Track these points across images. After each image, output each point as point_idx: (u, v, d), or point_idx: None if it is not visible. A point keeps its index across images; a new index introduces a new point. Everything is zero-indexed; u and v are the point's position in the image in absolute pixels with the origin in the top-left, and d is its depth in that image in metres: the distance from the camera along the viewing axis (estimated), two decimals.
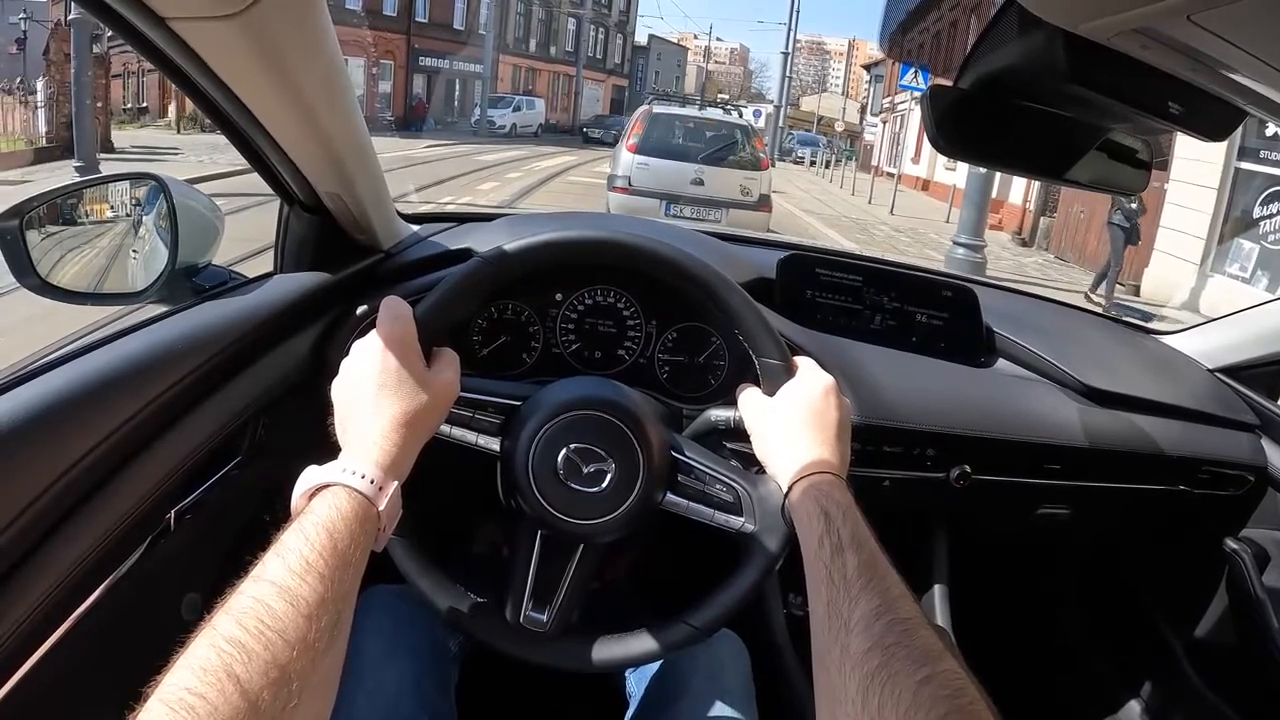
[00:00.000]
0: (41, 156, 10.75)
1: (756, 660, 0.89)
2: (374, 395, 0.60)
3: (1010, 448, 1.03)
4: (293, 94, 0.69)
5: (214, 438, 0.75)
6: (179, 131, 18.29)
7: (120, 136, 14.74)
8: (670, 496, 0.72)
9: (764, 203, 7.06)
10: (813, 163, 26.54)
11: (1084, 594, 1.45)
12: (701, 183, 6.92)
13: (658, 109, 7.63)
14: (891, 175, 18.46)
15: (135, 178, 0.88)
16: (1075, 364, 1.11)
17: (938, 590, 1.17)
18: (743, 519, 0.71)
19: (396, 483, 0.56)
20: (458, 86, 28.37)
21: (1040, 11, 0.51)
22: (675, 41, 51.25)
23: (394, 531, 0.64)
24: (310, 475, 0.55)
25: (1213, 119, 0.61)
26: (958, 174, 14.51)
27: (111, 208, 0.90)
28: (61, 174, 8.31)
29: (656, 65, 46.07)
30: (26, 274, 0.78)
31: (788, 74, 28.44)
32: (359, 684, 0.77)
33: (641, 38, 44.86)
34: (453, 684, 0.86)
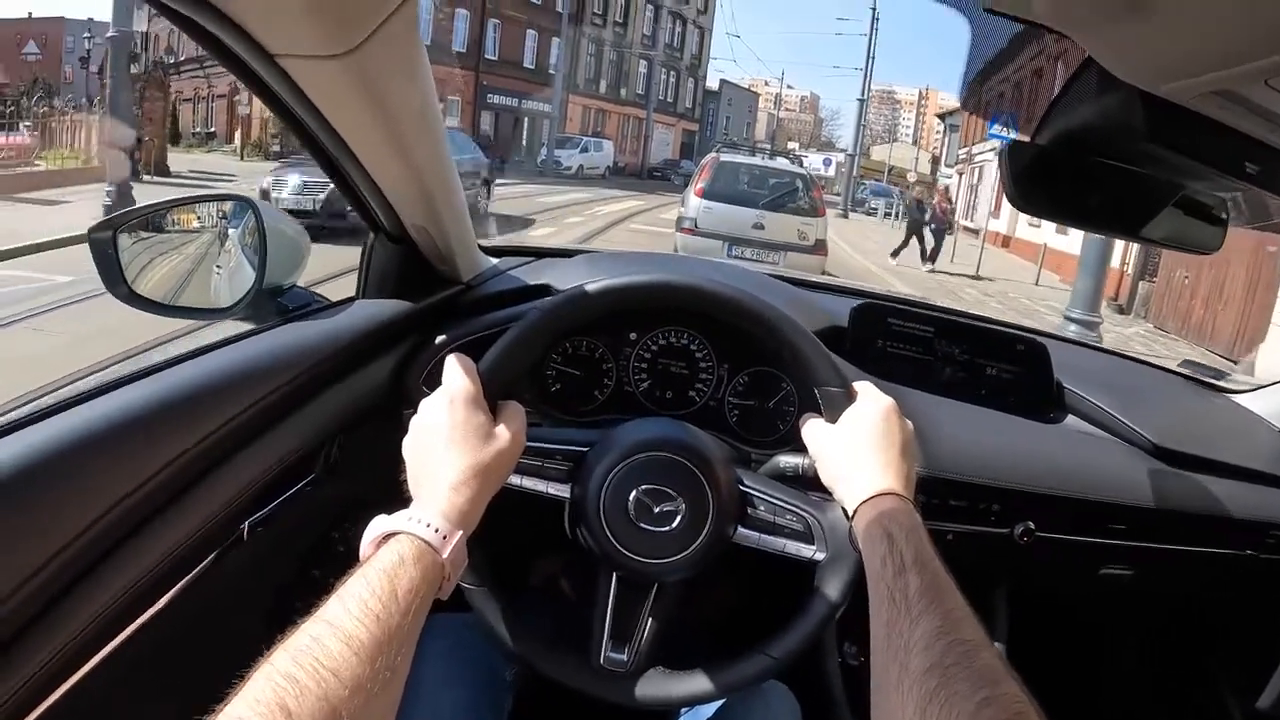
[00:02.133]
0: (88, 176, 11.17)
1: (808, 713, 0.90)
2: (442, 450, 0.64)
3: (1076, 506, 1.03)
4: (389, 130, 0.75)
5: (292, 455, 0.80)
6: (241, 158, 19.62)
7: (183, 160, 15.77)
8: (741, 530, 0.75)
9: (820, 247, 7.87)
10: (887, 214, 26.40)
11: (1144, 657, 1.42)
12: (762, 227, 7.74)
13: (724, 157, 8.63)
14: (971, 231, 18.09)
15: (227, 199, 0.95)
16: (1145, 422, 1.12)
17: (996, 648, 1.13)
18: (814, 547, 0.74)
19: (462, 533, 0.59)
20: (525, 125, 29.30)
21: (1120, 73, 0.53)
22: (746, 87, 52.29)
23: (474, 582, 0.69)
24: (378, 524, 0.59)
25: None
26: (1043, 231, 14.18)
27: (201, 226, 0.97)
28: (94, 195, 8.38)
29: (727, 110, 46.99)
30: (117, 283, 0.85)
31: (862, 121, 28.53)
32: (415, 710, 0.80)
33: (713, 82, 45.87)
34: (506, 712, 0.90)
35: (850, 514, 0.69)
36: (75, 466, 0.56)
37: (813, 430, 0.77)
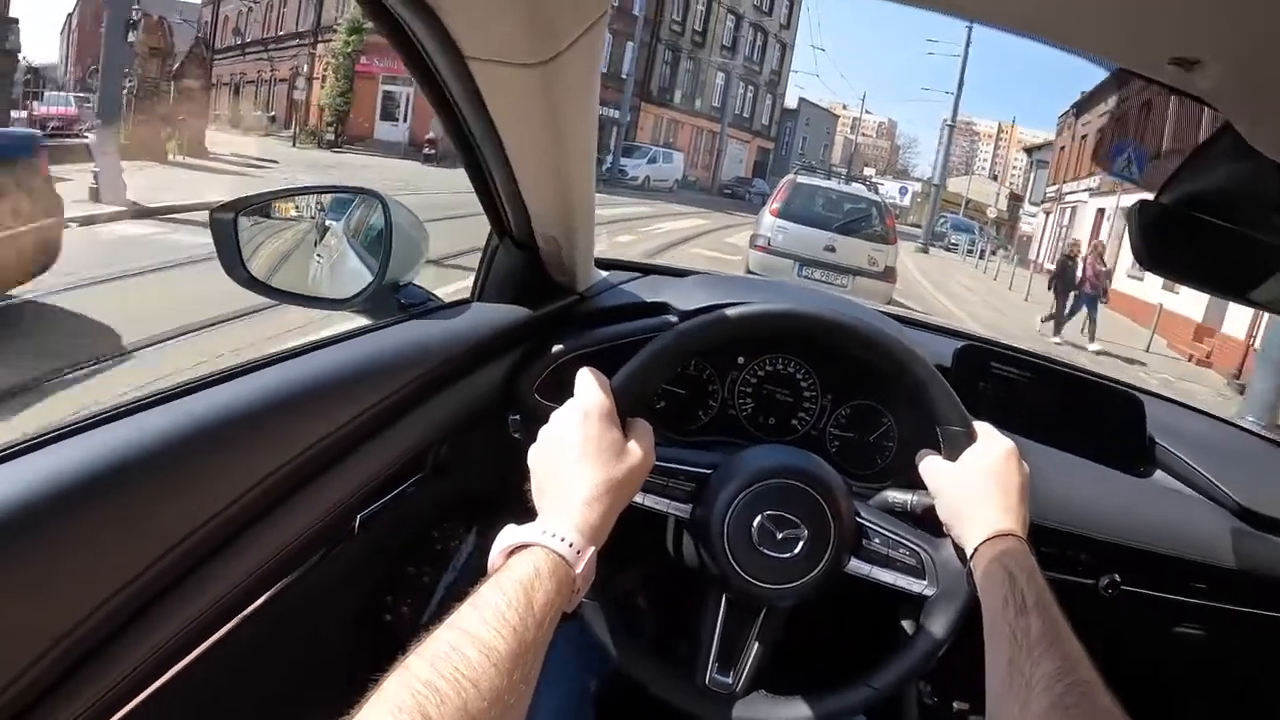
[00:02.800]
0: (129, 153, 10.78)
1: None
2: (575, 462, 0.66)
3: (1162, 562, 1.08)
4: (555, 141, 0.79)
5: (408, 454, 0.85)
6: (294, 145, 20.35)
7: (233, 142, 16.17)
8: (855, 561, 0.81)
9: (889, 274, 8.33)
10: (969, 251, 25.86)
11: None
12: (834, 249, 8.14)
13: (801, 179, 9.12)
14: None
15: (356, 192, 0.99)
16: (1233, 484, 1.15)
17: None
18: (924, 582, 0.79)
19: (594, 548, 0.62)
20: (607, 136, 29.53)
21: (1257, 144, 0.55)
22: (826, 108, 52.15)
23: (586, 594, 0.69)
24: (509, 534, 0.61)
25: None
26: (1147, 285, 13.51)
27: (301, 214, 1.02)
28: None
29: (805, 130, 46.98)
30: (235, 266, 0.90)
31: (947, 147, 28.00)
32: None
33: (791, 100, 45.93)
34: (591, 718, 0.95)
35: (970, 553, 0.73)
36: (205, 453, 0.59)
37: (932, 467, 0.82)
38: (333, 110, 21.65)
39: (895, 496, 0.88)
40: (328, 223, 1.04)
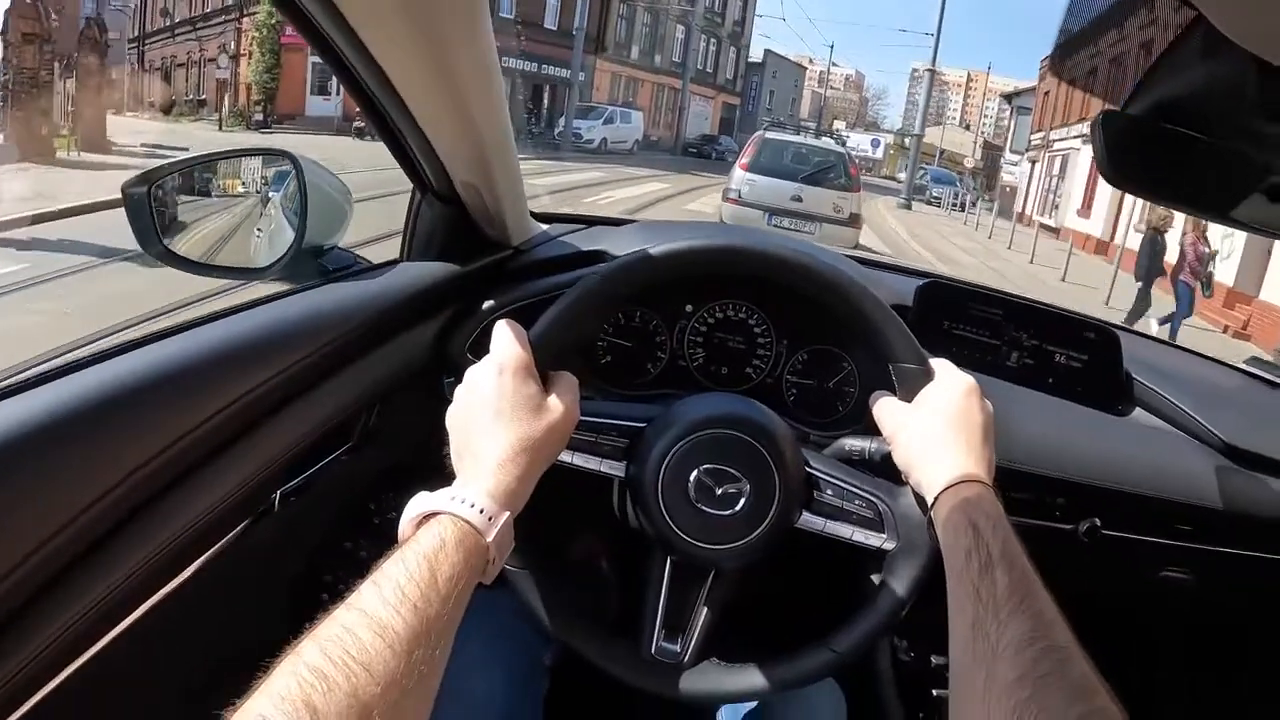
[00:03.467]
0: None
1: (854, 707, 0.95)
2: (489, 422, 0.65)
3: (1143, 503, 1.09)
4: (445, 77, 0.78)
5: (329, 421, 0.84)
6: (221, 128, 19.92)
7: (141, 130, 15.67)
8: (806, 515, 0.78)
9: (854, 220, 9.39)
10: (953, 204, 25.83)
11: (1200, 669, 1.48)
12: (800, 199, 9.20)
13: (769, 135, 10.27)
14: (1050, 229, 17.57)
15: (269, 153, 0.99)
16: (1218, 420, 1.17)
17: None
18: (884, 535, 0.77)
19: (509, 514, 0.60)
20: (545, 94, 28.95)
21: (1234, 34, 0.52)
22: (793, 60, 52.21)
23: (517, 564, 0.72)
24: (418, 502, 0.59)
25: None
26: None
27: (242, 182, 1.01)
28: None
29: (772, 84, 46.93)
30: (151, 242, 0.90)
31: (928, 93, 27.80)
32: (445, 694, 0.82)
33: (757, 53, 45.89)
34: (542, 696, 0.94)
35: (930, 501, 0.70)
36: (98, 426, 0.58)
37: (887, 409, 0.79)
38: (260, 87, 20.99)
39: (853, 444, 0.86)
40: (271, 194, 1.03)
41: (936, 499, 0.69)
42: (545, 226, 1.20)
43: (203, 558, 0.75)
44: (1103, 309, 9.61)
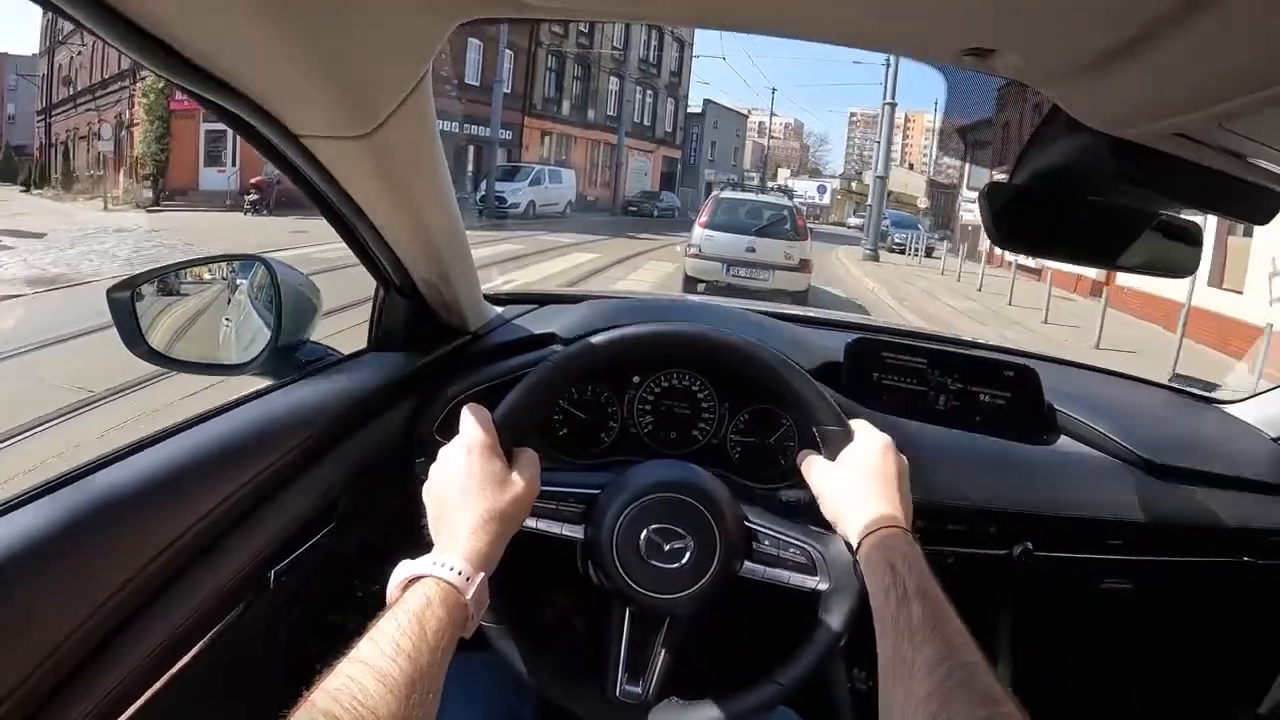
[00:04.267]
0: None
1: None
2: (460, 496, 0.83)
3: (1072, 524, 1.31)
4: (405, 198, 0.98)
5: (311, 506, 1.02)
6: (106, 207, 19.41)
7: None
8: (747, 564, 0.98)
9: (804, 265, 11.67)
10: (916, 250, 26.12)
11: (1151, 669, 1.71)
12: (754, 250, 11.50)
13: (724, 195, 13.15)
14: (1030, 271, 17.02)
15: (244, 259, 1.21)
16: (1136, 439, 1.40)
17: (1001, 668, 1.47)
18: (817, 578, 0.97)
19: (483, 574, 0.77)
20: (470, 155, 28.49)
21: (1084, 119, 0.69)
22: (734, 109, 54.09)
23: (493, 620, 0.90)
24: (404, 568, 0.76)
25: (1256, 205, 0.82)
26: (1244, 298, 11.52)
27: (210, 281, 1.23)
28: None
29: (713, 134, 48.14)
30: (137, 342, 1.10)
31: (889, 132, 26.13)
32: None
33: (696, 104, 46.80)
34: None
35: (854, 546, 0.89)
36: (106, 527, 0.74)
37: (813, 467, 1.00)
38: (150, 160, 20.70)
39: (789, 495, 1.08)
40: (238, 283, 1.25)
41: (860, 543, 0.88)
42: (499, 310, 1.42)
43: (204, 640, 0.88)
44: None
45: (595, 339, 1.01)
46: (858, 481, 0.94)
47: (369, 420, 1.14)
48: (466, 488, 0.84)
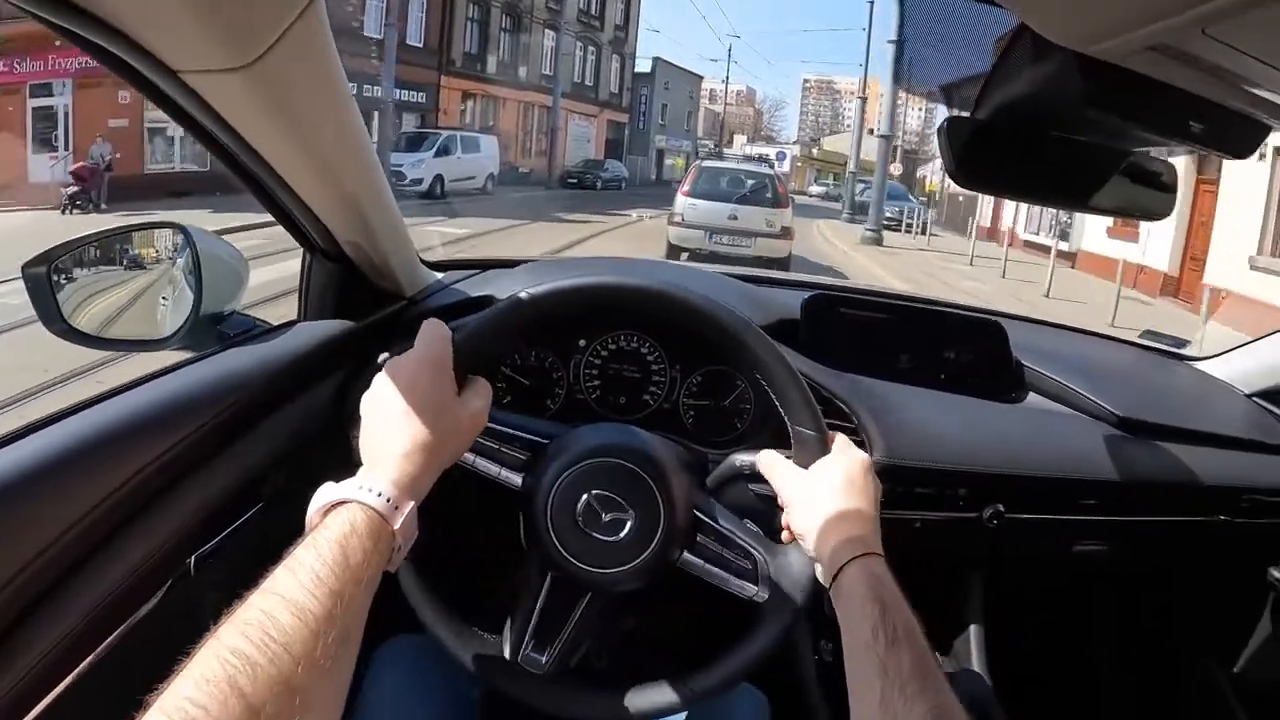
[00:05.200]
0: None
1: (781, 711, 1.22)
2: (400, 413, 0.85)
3: (1044, 485, 1.42)
4: (306, 143, 1.00)
5: (235, 484, 1.07)
6: None
7: None
8: (687, 555, 1.03)
9: (786, 233, 13.54)
10: (909, 225, 25.55)
11: (1125, 631, 1.88)
12: (736, 218, 13.29)
13: (706, 164, 15.59)
14: (1037, 247, 17.03)
15: (161, 226, 1.29)
16: (1107, 395, 1.52)
17: (973, 633, 1.61)
18: (756, 588, 1.02)
19: (413, 503, 0.79)
20: (376, 121, 24.56)
21: (1051, 35, 0.67)
22: (686, 69, 53.87)
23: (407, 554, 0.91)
24: (326, 491, 0.77)
25: (1236, 136, 0.82)
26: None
27: (141, 255, 1.31)
28: None
29: (664, 96, 48.10)
30: (53, 319, 1.17)
31: (893, 93, 23.48)
32: None
33: (645, 63, 46.55)
34: None
35: (832, 572, 0.90)
36: (10, 506, 0.76)
37: (783, 474, 1.03)
38: None
39: (743, 459, 1.11)
40: (173, 263, 1.30)
41: (841, 570, 0.89)
42: (440, 275, 1.51)
43: (117, 632, 0.90)
44: None
45: (580, 282, 1.04)
46: (836, 499, 0.97)
47: (297, 392, 1.21)
48: (408, 405, 0.85)
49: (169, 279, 1.30)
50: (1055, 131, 0.93)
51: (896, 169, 29.91)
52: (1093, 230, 19.42)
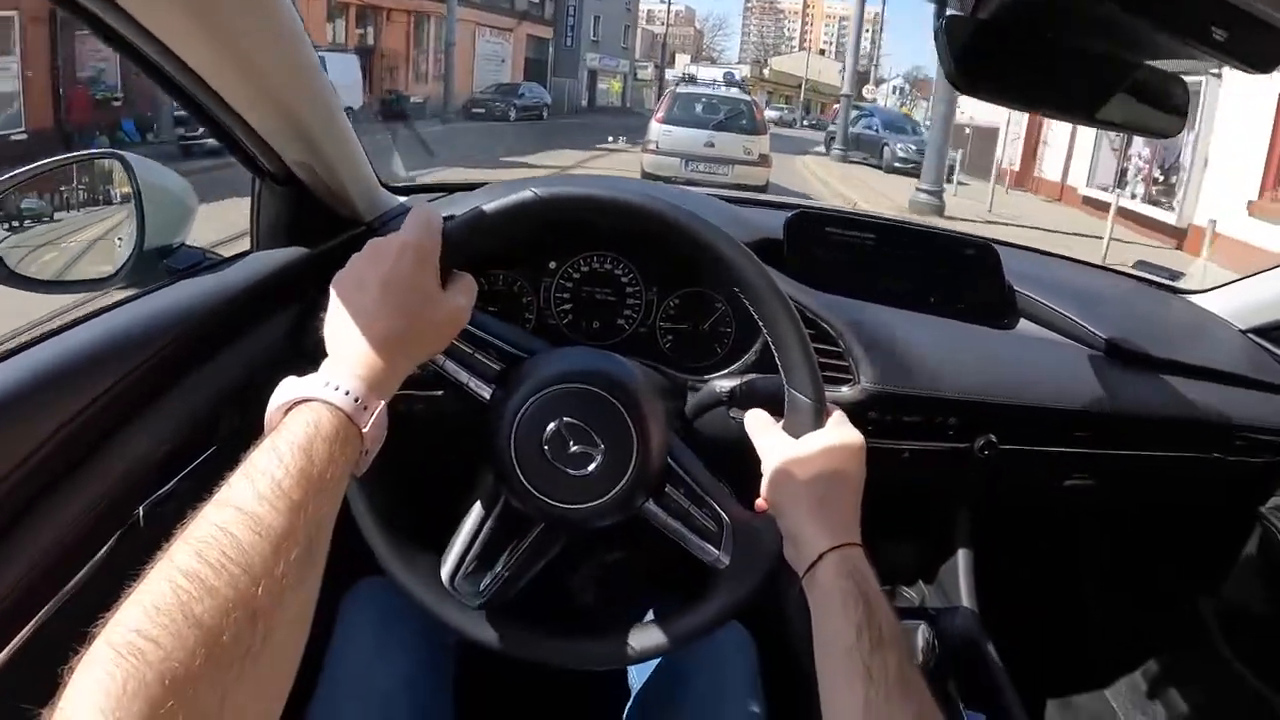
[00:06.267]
0: None
1: (767, 646, 1.33)
2: (376, 300, 0.85)
3: (1038, 415, 1.54)
4: (234, 52, 1.02)
5: (184, 426, 1.12)
6: None
7: None
8: (651, 505, 1.07)
9: (763, 160, 15.25)
10: (913, 162, 22.25)
11: (1113, 565, 2.08)
12: (713, 145, 14.93)
13: (681, 90, 17.17)
14: (1170, 228, 13.50)
15: (99, 157, 1.38)
16: (1101, 323, 1.65)
17: (961, 565, 1.77)
18: (718, 553, 1.07)
19: (382, 403, 0.80)
20: None
21: None
22: None
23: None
24: (288, 388, 0.78)
25: (1260, 45, 0.81)
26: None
27: (85, 190, 1.38)
28: None
29: (597, 7, 47.43)
30: None
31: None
32: (348, 684, 1.18)
33: None
34: (450, 678, 1.27)
35: (812, 558, 0.95)
36: None
37: (769, 439, 1.06)
38: None
39: (723, 385, 1.19)
40: (119, 196, 1.35)
41: (821, 558, 0.94)
42: (403, 199, 1.59)
43: (64, 590, 0.93)
44: None
45: (600, 191, 1.05)
46: (823, 479, 1.01)
47: (251, 324, 1.27)
48: (385, 292, 0.86)
49: (119, 215, 1.36)
50: (1064, 33, 0.96)
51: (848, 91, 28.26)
52: (1214, 198, 13.76)
